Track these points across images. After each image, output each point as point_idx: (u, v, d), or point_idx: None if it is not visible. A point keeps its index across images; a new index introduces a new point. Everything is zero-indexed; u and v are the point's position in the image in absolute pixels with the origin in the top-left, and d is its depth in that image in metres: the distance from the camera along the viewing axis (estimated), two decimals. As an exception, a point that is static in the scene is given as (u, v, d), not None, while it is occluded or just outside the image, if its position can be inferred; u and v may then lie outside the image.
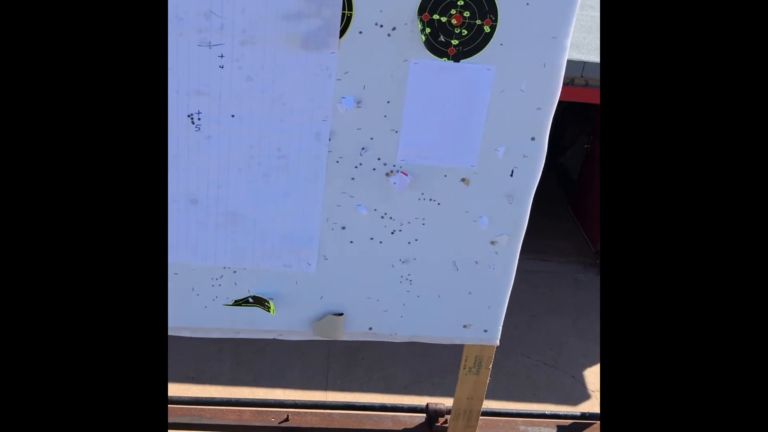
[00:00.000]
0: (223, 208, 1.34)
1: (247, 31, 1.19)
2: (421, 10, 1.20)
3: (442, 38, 1.23)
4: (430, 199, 1.37)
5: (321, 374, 2.67)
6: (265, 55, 1.22)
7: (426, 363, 2.80)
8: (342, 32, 1.21)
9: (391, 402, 1.93)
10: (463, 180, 1.35)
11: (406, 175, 1.33)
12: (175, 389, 2.44)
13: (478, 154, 1.32)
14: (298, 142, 1.30)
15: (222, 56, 1.21)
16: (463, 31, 1.23)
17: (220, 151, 1.29)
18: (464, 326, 1.50)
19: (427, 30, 1.22)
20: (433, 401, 1.89)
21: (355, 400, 2.24)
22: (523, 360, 2.77)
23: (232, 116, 1.26)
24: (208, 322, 1.45)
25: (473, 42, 1.24)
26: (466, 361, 1.54)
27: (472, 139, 1.32)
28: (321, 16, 1.19)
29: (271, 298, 1.42)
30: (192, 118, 1.26)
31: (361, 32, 1.21)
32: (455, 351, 1.70)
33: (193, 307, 1.43)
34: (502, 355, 1.70)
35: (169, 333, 1.46)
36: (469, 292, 1.46)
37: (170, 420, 1.67)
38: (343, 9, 1.19)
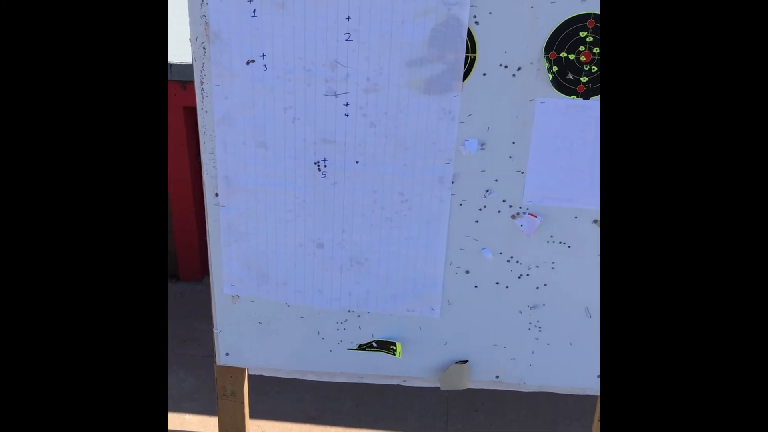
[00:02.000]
0: (347, 253, 1.35)
1: (371, 79, 1.21)
2: (548, 49, 1.17)
3: (570, 76, 1.19)
4: (560, 242, 1.31)
5: (440, 418, 2.60)
6: (389, 102, 1.23)
7: (549, 409, 2.66)
8: (465, 75, 1.20)
9: (517, 452, 1.84)
10: (595, 221, 1.28)
11: (536, 216, 1.28)
12: (297, 429, 2.48)
13: (611, 194, 1.25)
14: (420, 186, 1.29)
15: (347, 104, 1.23)
16: (593, 67, 1.18)
17: (344, 196, 1.31)
18: (598, 376, 1.41)
19: (555, 68, 1.18)
20: (562, 453, 1.78)
21: (477, 447, 2.16)
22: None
23: (357, 162, 1.28)
24: (333, 367, 1.45)
25: (604, 78, 1.18)
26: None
27: (604, 179, 1.25)
28: (444, 61, 1.19)
29: (399, 340, 1.41)
30: (318, 165, 1.29)
31: (485, 74, 1.19)
32: (581, 397, 1.60)
33: (319, 351, 1.44)
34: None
35: (295, 377, 1.49)
36: (604, 341, 1.37)
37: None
38: (467, 52, 1.18)
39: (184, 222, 2.78)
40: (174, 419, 2.42)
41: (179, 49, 2.29)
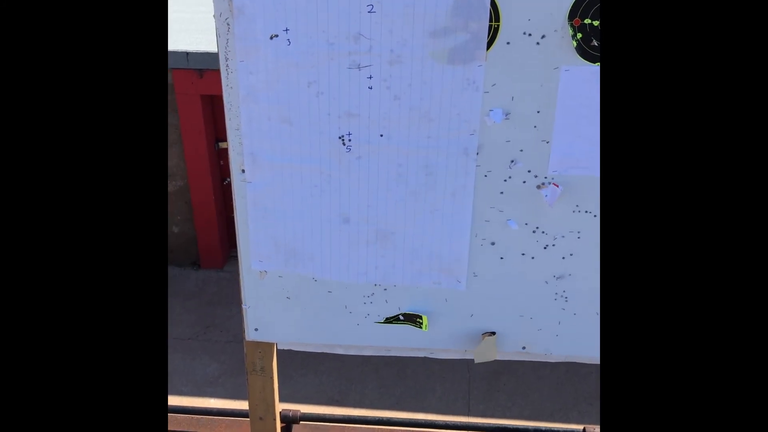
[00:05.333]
0: (373, 227, 1.36)
1: (395, 51, 1.21)
2: (572, 16, 1.17)
3: (594, 43, 1.18)
4: (586, 211, 1.31)
5: (462, 399, 2.61)
6: (413, 73, 1.23)
7: (572, 389, 2.67)
8: (489, 44, 1.20)
9: (543, 425, 1.85)
10: (621, 189, 1.28)
11: (557, 186, 1.28)
12: (320, 412, 2.48)
13: (636, 161, 1.25)
14: (445, 158, 1.29)
15: (371, 77, 1.24)
16: (617, 33, 1.17)
17: (369, 170, 1.32)
18: (626, 346, 1.41)
19: (579, 35, 1.18)
20: (589, 427, 1.78)
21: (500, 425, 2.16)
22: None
23: (381, 136, 1.28)
24: (360, 340, 1.46)
25: (628, 44, 1.18)
26: (628, 383, 1.44)
27: (630, 146, 1.25)
28: (468, 30, 1.19)
29: (425, 313, 1.41)
30: (343, 140, 1.30)
31: (508, 43, 1.19)
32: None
33: (346, 325, 1.45)
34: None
35: (323, 350, 1.50)
36: (631, 309, 1.37)
37: (321, 439, 1.69)
38: (490, 21, 1.18)
39: (204, 210, 2.80)
40: (198, 403, 2.44)
41: (195, 38, 2.31)
